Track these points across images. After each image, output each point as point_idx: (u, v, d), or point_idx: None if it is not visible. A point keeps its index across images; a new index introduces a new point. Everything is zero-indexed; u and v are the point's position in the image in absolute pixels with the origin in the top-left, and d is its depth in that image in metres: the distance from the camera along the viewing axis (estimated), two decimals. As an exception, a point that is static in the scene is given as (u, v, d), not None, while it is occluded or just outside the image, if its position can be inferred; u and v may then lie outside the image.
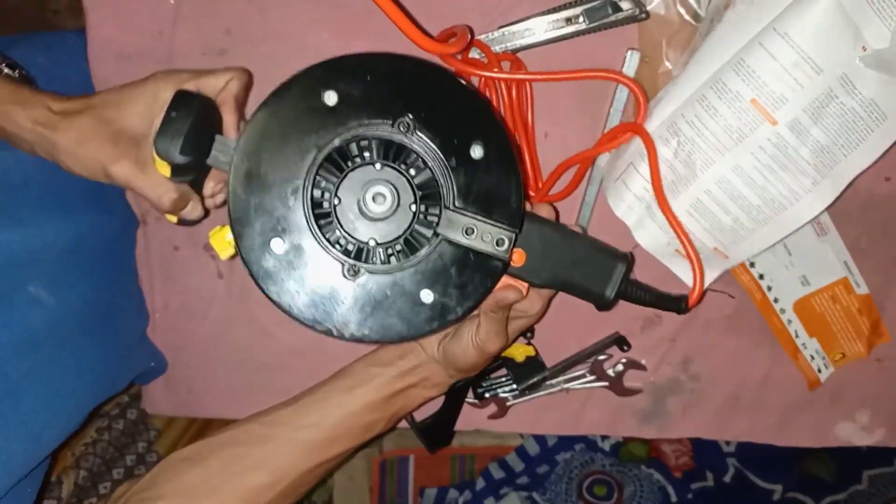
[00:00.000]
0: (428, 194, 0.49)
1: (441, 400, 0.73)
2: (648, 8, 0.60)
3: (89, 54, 0.66)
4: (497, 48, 0.62)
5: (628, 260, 0.53)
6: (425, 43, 0.52)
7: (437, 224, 0.48)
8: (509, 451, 1.42)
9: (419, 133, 0.47)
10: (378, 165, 0.49)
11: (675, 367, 0.75)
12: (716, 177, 0.57)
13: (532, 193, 0.66)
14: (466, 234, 0.48)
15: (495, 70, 0.61)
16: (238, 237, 0.48)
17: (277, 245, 0.47)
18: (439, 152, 0.48)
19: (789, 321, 0.71)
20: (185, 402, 0.79)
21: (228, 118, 0.53)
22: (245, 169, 0.47)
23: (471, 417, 0.76)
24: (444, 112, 0.47)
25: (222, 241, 0.51)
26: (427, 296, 0.48)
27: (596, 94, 0.64)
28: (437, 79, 0.47)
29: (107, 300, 0.65)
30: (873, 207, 0.68)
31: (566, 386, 0.74)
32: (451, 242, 0.48)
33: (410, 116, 0.47)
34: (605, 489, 1.37)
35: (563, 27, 0.61)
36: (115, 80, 0.66)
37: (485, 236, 0.47)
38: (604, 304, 0.53)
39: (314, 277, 0.48)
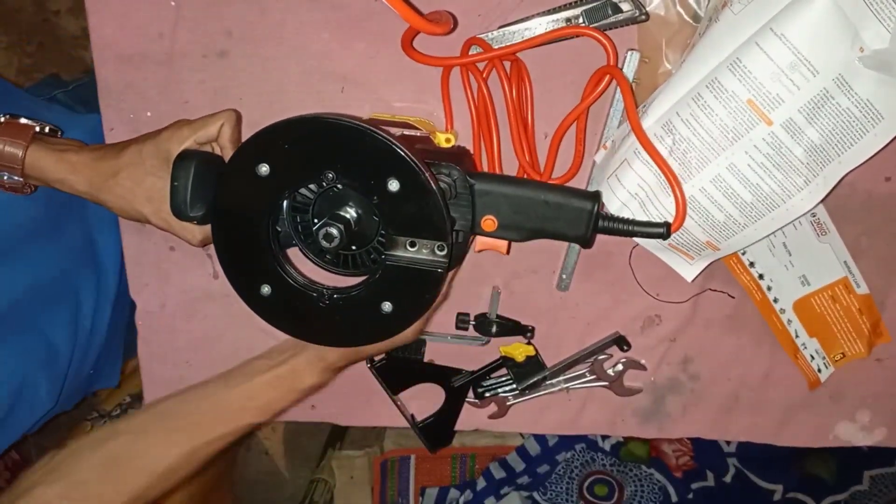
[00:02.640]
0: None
1: (442, 400, 0.74)
2: (648, 9, 0.60)
3: (93, 56, 0.67)
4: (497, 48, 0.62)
5: (596, 198, 0.56)
6: (419, 23, 0.55)
7: (384, 247, 0.56)
8: (510, 451, 1.42)
9: (342, 182, 0.54)
10: (339, 186, 0.56)
11: (675, 367, 0.75)
12: (710, 175, 0.57)
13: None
14: (410, 247, 0.55)
15: (471, 55, 0.63)
16: (234, 286, 0.59)
17: (265, 290, 0.58)
18: (360, 194, 0.55)
19: (789, 321, 0.71)
20: (186, 402, 0.79)
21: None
22: (222, 237, 0.58)
23: (471, 417, 0.76)
24: (358, 160, 0.53)
25: None
26: (387, 306, 0.56)
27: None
28: (346, 132, 0.52)
29: None
30: (873, 207, 0.68)
31: (566, 386, 0.74)
32: (398, 259, 0.55)
33: (331, 173, 0.53)
34: (606, 489, 1.37)
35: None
36: (116, 81, 0.67)
37: (424, 247, 0.55)
38: (584, 243, 0.57)
39: (298, 306, 0.59)
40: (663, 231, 0.57)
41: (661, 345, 0.74)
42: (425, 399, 0.75)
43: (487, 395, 0.74)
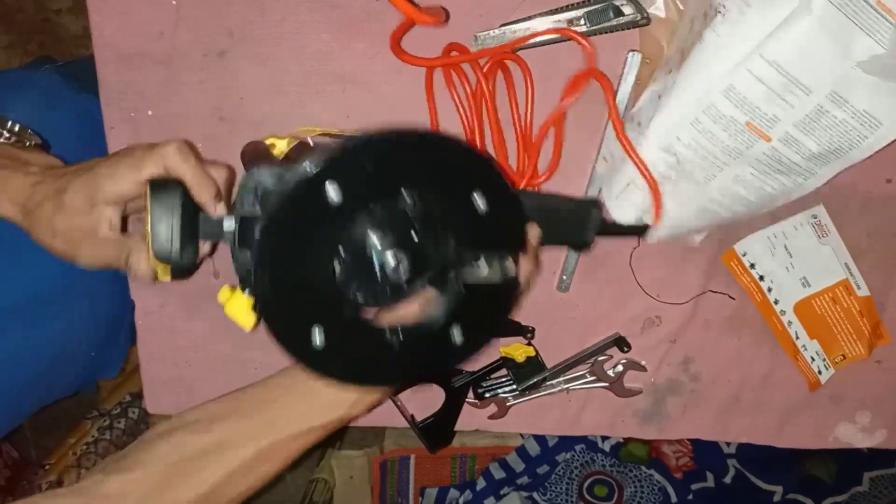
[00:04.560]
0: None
1: (442, 400, 0.74)
2: (649, 10, 0.60)
3: (95, 55, 0.67)
4: (497, 49, 0.62)
5: (599, 205, 0.60)
6: (411, 11, 0.55)
7: (455, 267, 0.50)
8: (510, 451, 1.42)
9: (423, 200, 0.47)
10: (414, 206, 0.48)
11: (675, 368, 0.75)
12: (718, 187, 0.60)
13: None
14: (479, 265, 0.50)
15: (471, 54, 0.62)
16: (276, 335, 0.47)
17: (316, 334, 0.47)
18: (443, 211, 0.48)
19: (790, 322, 0.71)
20: (185, 402, 0.79)
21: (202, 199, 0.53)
22: (269, 278, 0.46)
23: (471, 417, 0.76)
24: (441, 174, 0.48)
25: (242, 310, 0.50)
26: (457, 334, 0.51)
27: (596, 96, 0.64)
28: (427, 144, 0.48)
29: None
30: (874, 209, 0.68)
31: (566, 386, 0.74)
32: (469, 280, 0.50)
33: (410, 191, 0.47)
34: (606, 490, 1.37)
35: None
36: (117, 80, 0.67)
37: (495, 266, 0.50)
38: (585, 248, 0.61)
39: (359, 351, 0.50)
40: (645, 233, 0.63)
41: (661, 346, 0.74)
42: (425, 399, 0.75)
43: (487, 395, 0.74)
